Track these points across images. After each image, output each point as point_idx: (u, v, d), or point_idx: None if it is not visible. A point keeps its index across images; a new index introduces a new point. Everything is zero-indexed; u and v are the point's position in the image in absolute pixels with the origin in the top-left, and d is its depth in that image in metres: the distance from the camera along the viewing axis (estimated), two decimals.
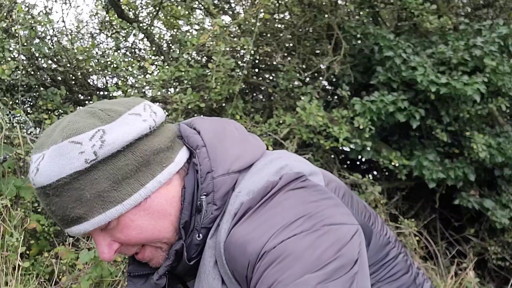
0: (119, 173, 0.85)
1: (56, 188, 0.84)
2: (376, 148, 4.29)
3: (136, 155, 0.86)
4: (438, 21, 4.32)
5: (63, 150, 0.84)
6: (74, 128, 0.86)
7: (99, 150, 0.83)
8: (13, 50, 3.59)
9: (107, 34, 5.27)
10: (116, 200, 0.85)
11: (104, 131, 0.85)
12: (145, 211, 0.89)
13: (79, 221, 0.86)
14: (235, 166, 0.94)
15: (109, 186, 0.84)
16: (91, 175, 0.83)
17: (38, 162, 0.85)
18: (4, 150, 3.18)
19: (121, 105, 0.91)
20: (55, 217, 0.88)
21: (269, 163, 0.95)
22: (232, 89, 3.83)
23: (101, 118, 0.87)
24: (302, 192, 0.88)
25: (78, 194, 0.84)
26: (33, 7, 4.21)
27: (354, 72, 4.52)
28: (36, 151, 0.88)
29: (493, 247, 4.61)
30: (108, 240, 0.92)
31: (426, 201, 4.96)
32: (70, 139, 0.84)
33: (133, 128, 0.87)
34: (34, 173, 0.86)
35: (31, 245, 3.43)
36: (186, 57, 4.02)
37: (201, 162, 0.93)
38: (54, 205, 0.85)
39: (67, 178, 0.83)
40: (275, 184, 0.89)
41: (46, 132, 0.91)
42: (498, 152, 4.20)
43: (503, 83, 4.12)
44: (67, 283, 3.14)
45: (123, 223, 0.88)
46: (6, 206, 3.08)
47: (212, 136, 0.97)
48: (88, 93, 4.66)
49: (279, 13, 4.80)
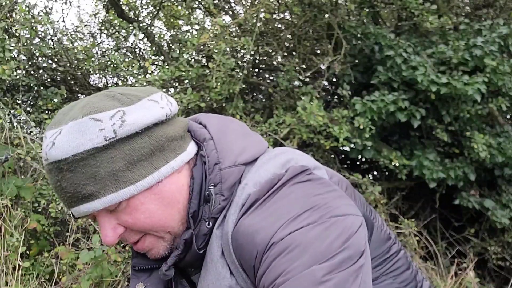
0: (135, 154, 0.86)
1: (71, 163, 0.84)
2: (377, 148, 4.29)
3: (152, 139, 0.88)
4: (438, 21, 4.32)
5: (83, 126, 0.84)
6: (95, 106, 0.86)
7: (119, 129, 0.85)
8: (13, 50, 3.59)
9: (107, 34, 5.26)
10: (129, 181, 0.86)
11: (125, 112, 0.86)
12: (155, 195, 0.90)
13: (90, 199, 0.86)
14: (241, 158, 0.96)
15: (124, 166, 0.85)
16: (108, 153, 0.84)
17: (54, 137, 0.85)
18: (4, 150, 3.18)
19: (140, 91, 0.93)
20: (64, 194, 0.87)
21: (274, 157, 0.97)
22: (232, 89, 3.83)
23: (121, 101, 0.88)
24: (308, 185, 0.90)
25: (93, 171, 0.84)
26: (33, 7, 4.21)
27: (355, 72, 4.52)
28: (51, 127, 0.88)
29: (493, 247, 4.61)
30: (113, 223, 0.91)
31: (426, 201, 4.96)
32: (91, 116, 0.85)
33: (152, 113, 0.89)
34: (49, 147, 0.85)
35: (31, 245, 3.43)
36: (186, 57, 4.02)
37: (208, 154, 0.95)
38: (66, 181, 0.85)
39: (84, 153, 0.83)
40: (281, 177, 0.91)
41: (63, 111, 0.91)
42: (498, 152, 4.20)
43: (503, 83, 4.12)
44: (67, 283, 3.14)
45: (133, 205, 0.89)
46: (6, 206, 3.08)
47: (218, 129, 1.00)
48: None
49: (279, 13, 4.80)
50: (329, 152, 4.41)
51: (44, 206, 3.30)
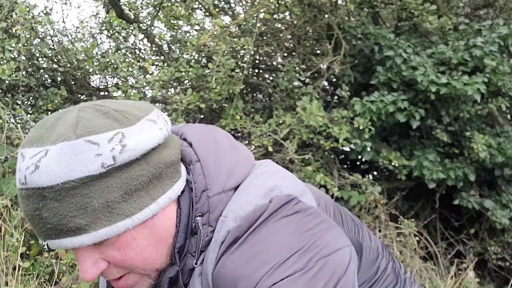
0: (133, 183, 0.75)
1: (59, 192, 0.71)
2: (376, 148, 4.29)
3: (151, 166, 0.77)
4: (438, 21, 4.32)
5: (77, 149, 0.72)
6: (89, 125, 0.74)
7: (119, 156, 0.74)
8: (13, 50, 3.60)
9: (107, 35, 5.27)
10: (125, 213, 0.75)
11: (124, 134, 0.75)
12: (148, 229, 0.80)
13: (77, 232, 0.73)
14: (230, 182, 0.87)
15: (120, 197, 0.74)
16: (103, 181, 0.73)
17: (37, 158, 0.72)
18: (4, 150, 3.19)
19: (136, 108, 0.82)
20: (42, 224, 0.74)
21: (256, 181, 0.88)
22: (232, 89, 3.83)
23: (118, 120, 0.77)
24: (295, 219, 0.82)
25: (84, 201, 0.72)
26: (33, 7, 4.21)
27: (354, 72, 4.52)
28: (31, 144, 0.75)
29: (493, 247, 4.61)
30: (95, 257, 0.79)
31: (426, 201, 4.96)
32: (87, 138, 0.73)
33: (152, 136, 0.78)
34: (30, 171, 0.72)
35: (31, 245, 3.44)
36: (186, 58, 4.02)
37: (195, 180, 0.85)
38: (49, 210, 0.72)
39: (77, 181, 0.72)
40: (264, 209, 0.82)
41: (44, 124, 0.78)
42: (498, 152, 4.20)
43: (503, 83, 4.13)
44: (67, 283, 3.14)
45: (123, 241, 0.78)
46: (6, 206, 3.08)
47: (204, 148, 0.89)
48: (88, 93, 4.66)
49: (279, 13, 4.80)
50: (329, 153, 4.41)
51: None
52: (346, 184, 4.22)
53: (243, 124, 3.95)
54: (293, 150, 3.86)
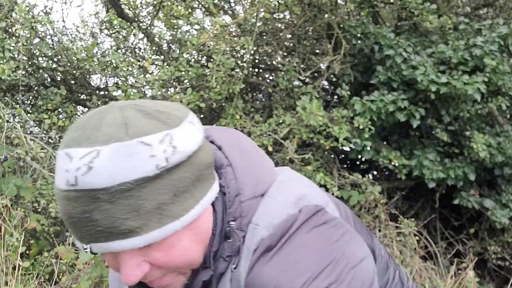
0: (180, 185, 0.75)
1: (114, 193, 0.70)
2: (376, 148, 4.29)
3: (194, 168, 0.77)
4: (438, 20, 4.31)
5: (132, 150, 0.71)
6: (139, 126, 0.73)
7: (171, 157, 0.73)
8: (13, 50, 3.59)
9: (107, 34, 5.27)
10: (174, 215, 0.75)
11: (172, 136, 0.75)
12: (192, 231, 0.80)
13: (128, 235, 0.72)
14: (259, 189, 0.88)
15: (169, 199, 0.74)
16: (156, 183, 0.72)
17: (89, 159, 0.70)
18: (4, 150, 3.19)
19: (173, 109, 0.81)
20: (91, 227, 0.72)
21: (280, 187, 0.90)
22: (232, 89, 3.83)
23: (163, 121, 0.76)
24: (324, 230, 0.85)
25: (137, 203, 0.71)
26: (33, 7, 4.21)
27: (354, 72, 4.52)
28: (78, 144, 0.72)
29: (493, 247, 4.61)
30: (139, 260, 0.78)
31: (426, 201, 4.96)
32: (139, 139, 0.72)
33: (195, 138, 0.79)
34: (82, 172, 0.70)
35: (31, 245, 3.44)
36: (186, 57, 4.02)
37: (228, 184, 0.86)
38: (100, 213, 0.71)
39: (132, 183, 0.70)
40: (295, 219, 0.84)
41: (85, 124, 0.75)
42: (498, 151, 4.20)
43: (503, 83, 4.12)
44: (67, 283, 3.14)
45: (169, 242, 0.77)
46: (6, 206, 3.08)
47: (235, 153, 0.90)
48: (88, 92, 4.66)
49: (279, 12, 4.80)
50: (329, 152, 4.41)
51: (44, 206, 3.30)
52: (346, 183, 4.22)
53: (243, 124, 3.95)
54: (293, 150, 3.86)
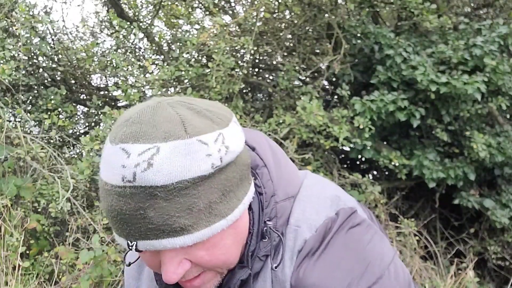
0: (228, 185, 0.76)
1: (171, 191, 0.70)
2: (376, 147, 4.29)
3: (238, 167, 0.78)
4: (438, 20, 4.32)
5: (191, 149, 0.71)
6: (195, 125, 0.73)
7: (225, 157, 0.74)
8: (13, 50, 3.59)
9: (107, 34, 5.27)
10: (221, 214, 0.75)
11: (224, 136, 0.76)
12: (233, 230, 0.80)
13: (180, 233, 0.72)
14: (291, 190, 0.90)
15: (218, 198, 0.75)
16: (209, 182, 0.73)
17: (149, 156, 0.70)
18: (4, 149, 3.19)
19: (218, 108, 0.82)
20: (143, 224, 0.72)
21: (311, 189, 0.93)
22: (232, 89, 3.83)
23: (214, 121, 0.76)
24: (359, 231, 0.88)
25: (191, 201, 0.72)
26: (33, 7, 4.21)
27: (354, 72, 4.52)
28: (135, 140, 0.71)
29: (493, 247, 4.61)
30: (180, 258, 0.78)
31: (426, 201, 4.96)
32: (198, 137, 0.72)
33: (241, 138, 0.81)
34: (142, 168, 0.70)
35: (31, 245, 3.44)
36: (186, 57, 4.02)
37: (265, 184, 0.87)
38: (156, 210, 0.71)
39: (190, 181, 0.71)
40: (334, 221, 0.87)
41: (139, 119, 0.74)
42: (498, 151, 4.21)
43: (503, 83, 4.13)
44: (67, 283, 3.14)
45: (213, 241, 0.77)
46: (6, 206, 3.08)
47: (268, 154, 0.91)
48: (88, 92, 4.66)
49: (279, 12, 4.80)
50: (329, 152, 4.41)
51: (44, 206, 3.30)
52: (346, 183, 4.22)
53: (243, 124, 3.95)
54: (293, 150, 3.86)
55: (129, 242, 0.75)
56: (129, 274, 1.05)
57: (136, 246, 0.74)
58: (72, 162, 3.77)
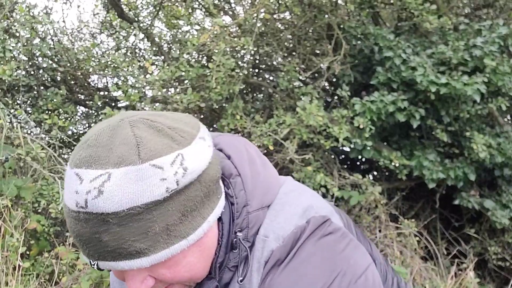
0: (188, 205, 0.75)
1: (123, 217, 0.70)
2: (376, 148, 4.29)
3: (203, 185, 0.77)
4: (438, 21, 4.32)
5: (144, 174, 0.71)
6: (151, 148, 0.72)
7: (182, 179, 0.73)
8: (13, 50, 3.59)
9: (107, 34, 5.27)
10: (181, 235, 0.75)
11: (183, 156, 0.74)
12: (198, 247, 0.80)
13: (136, 256, 0.73)
14: (266, 199, 0.88)
15: (177, 219, 0.74)
16: (165, 205, 0.72)
17: (99, 183, 0.70)
18: (5, 150, 3.19)
19: (184, 123, 0.80)
20: (100, 248, 0.72)
21: (286, 197, 0.91)
22: (232, 89, 3.83)
23: (175, 140, 0.75)
24: (331, 241, 0.86)
25: (147, 226, 0.71)
26: (33, 7, 4.21)
27: (354, 72, 4.52)
28: (88, 165, 0.72)
29: (493, 247, 4.61)
30: (143, 276, 0.78)
31: (426, 201, 4.96)
32: (151, 162, 0.71)
33: (206, 156, 0.79)
34: (93, 196, 0.70)
35: (32, 245, 3.44)
36: (187, 57, 4.02)
37: (237, 195, 0.85)
38: (109, 235, 0.71)
39: (142, 207, 0.71)
40: (303, 229, 0.85)
41: (96, 142, 0.74)
42: (498, 152, 4.20)
43: (503, 83, 4.13)
44: (67, 284, 3.14)
45: (174, 259, 0.77)
46: (6, 206, 3.08)
47: (244, 163, 0.89)
48: (88, 93, 4.67)
49: (279, 13, 4.80)
50: (329, 152, 4.41)
51: (44, 206, 3.30)
52: (346, 184, 4.22)
53: (243, 124, 3.95)
54: (293, 150, 3.86)
55: (91, 260, 0.76)
56: (113, 279, 1.08)
57: (97, 265, 0.76)
58: None
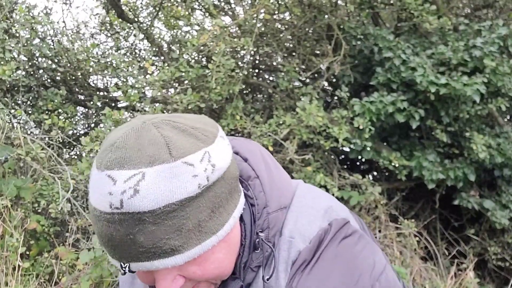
0: (216, 201, 0.77)
1: (159, 215, 0.71)
2: (376, 148, 4.29)
3: (227, 182, 0.79)
4: (438, 21, 4.32)
5: (177, 172, 0.72)
6: (180, 146, 0.74)
7: (211, 175, 0.75)
8: (13, 51, 3.59)
9: (107, 35, 5.27)
10: (211, 231, 0.76)
11: (209, 154, 0.76)
12: (225, 243, 0.81)
13: (171, 254, 0.73)
14: (284, 201, 0.90)
15: (207, 216, 0.75)
16: (197, 202, 0.74)
17: (134, 182, 0.71)
18: (4, 150, 3.19)
19: (204, 124, 0.82)
20: (134, 248, 0.73)
21: (304, 200, 0.93)
22: (232, 90, 3.83)
23: (200, 139, 0.77)
24: (351, 242, 0.89)
25: (180, 223, 0.72)
26: (33, 7, 4.21)
27: (354, 73, 4.52)
28: (120, 166, 0.72)
29: (493, 248, 4.61)
30: (173, 275, 0.79)
31: (426, 202, 4.96)
32: (183, 159, 0.73)
33: (228, 153, 0.81)
34: (128, 195, 0.71)
35: (31, 245, 3.44)
36: (186, 58, 4.03)
37: (257, 196, 0.87)
38: (144, 234, 0.72)
39: (177, 204, 0.72)
40: (327, 232, 0.88)
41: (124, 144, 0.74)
42: (498, 152, 4.21)
43: (502, 84, 4.13)
44: (67, 284, 3.14)
45: (204, 256, 0.78)
46: (6, 206, 3.08)
47: (260, 165, 0.92)
48: (88, 93, 4.67)
49: (279, 13, 4.80)
50: (329, 153, 4.41)
51: (44, 206, 3.30)
52: (346, 184, 4.22)
53: (243, 124, 3.96)
54: (293, 150, 3.86)
55: (122, 264, 0.76)
56: (123, 280, 1.07)
57: (129, 267, 0.76)
58: (72, 163, 3.78)
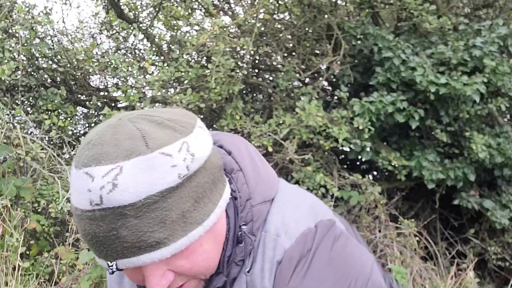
0: (199, 191, 0.76)
1: (139, 208, 0.70)
2: (376, 148, 4.29)
3: (209, 172, 0.78)
4: (438, 21, 4.32)
5: (155, 163, 0.71)
6: (156, 138, 0.73)
7: (191, 165, 0.75)
8: (13, 50, 3.59)
9: (107, 35, 5.27)
10: (196, 221, 0.75)
11: (188, 143, 0.76)
12: (212, 233, 0.80)
13: (156, 247, 0.73)
14: (268, 193, 0.90)
15: (191, 206, 0.75)
16: (179, 192, 0.73)
17: (112, 176, 0.70)
18: (3, 150, 3.19)
19: (181, 115, 0.82)
20: (119, 244, 0.72)
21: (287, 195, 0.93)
22: (232, 90, 3.83)
23: (177, 130, 0.77)
24: (339, 244, 0.88)
25: (163, 214, 0.72)
26: (33, 7, 4.22)
27: (354, 73, 4.52)
28: (97, 162, 0.71)
29: (493, 248, 4.61)
30: (162, 270, 0.78)
31: (426, 202, 4.96)
32: (160, 150, 0.72)
33: (207, 143, 0.81)
34: (107, 190, 0.70)
35: (31, 245, 3.44)
36: (186, 58, 4.02)
37: (240, 189, 0.87)
38: (127, 229, 0.71)
39: (157, 195, 0.71)
40: (314, 233, 0.87)
41: (101, 141, 0.74)
42: (497, 152, 4.20)
43: (502, 83, 4.13)
44: (67, 284, 3.14)
45: (192, 248, 0.78)
46: (6, 206, 3.09)
47: (244, 158, 0.92)
48: (88, 93, 4.67)
49: (278, 13, 4.80)
50: (328, 153, 4.41)
51: (44, 206, 3.30)
52: (346, 184, 4.22)
53: (243, 124, 3.95)
54: (293, 150, 3.86)
55: (109, 262, 0.75)
56: (111, 280, 1.06)
57: (116, 266, 0.75)
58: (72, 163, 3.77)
